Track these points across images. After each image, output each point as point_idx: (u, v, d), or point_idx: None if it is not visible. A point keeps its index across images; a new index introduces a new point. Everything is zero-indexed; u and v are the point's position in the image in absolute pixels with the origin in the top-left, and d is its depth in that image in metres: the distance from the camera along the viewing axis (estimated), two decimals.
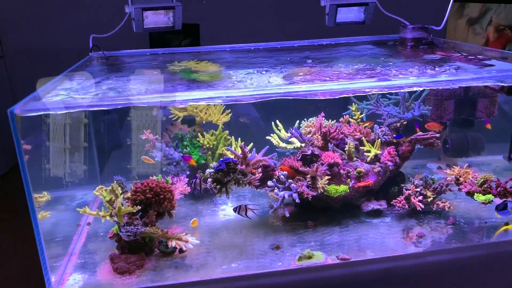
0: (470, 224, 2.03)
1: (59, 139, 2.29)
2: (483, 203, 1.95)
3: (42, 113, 1.60)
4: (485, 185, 2.00)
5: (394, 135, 2.19)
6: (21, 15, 4.73)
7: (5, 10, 4.69)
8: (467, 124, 2.44)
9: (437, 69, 1.97)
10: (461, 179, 2.11)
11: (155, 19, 2.45)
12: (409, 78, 1.83)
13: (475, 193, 2.00)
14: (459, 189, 2.08)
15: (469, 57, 2.20)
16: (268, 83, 1.84)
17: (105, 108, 1.65)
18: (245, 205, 1.95)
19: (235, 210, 1.96)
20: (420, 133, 2.20)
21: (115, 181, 2.04)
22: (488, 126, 2.43)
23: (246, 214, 1.95)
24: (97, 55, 2.54)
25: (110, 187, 1.84)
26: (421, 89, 2.21)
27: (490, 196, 1.96)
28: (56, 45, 4.68)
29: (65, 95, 1.71)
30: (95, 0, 4.69)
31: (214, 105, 2.39)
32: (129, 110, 2.43)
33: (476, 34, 4.13)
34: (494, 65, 1.98)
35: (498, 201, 2.04)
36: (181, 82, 1.96)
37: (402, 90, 2.17)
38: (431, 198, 2.08)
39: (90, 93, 1.76)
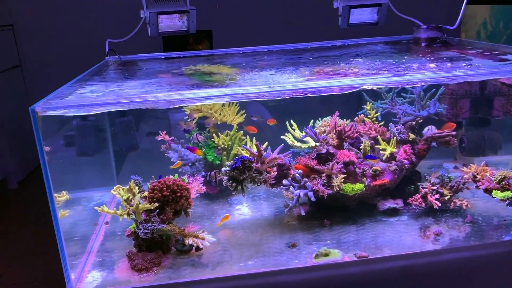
0: (489, 222, 2.00)
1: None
2: (502, 199, 1.93)
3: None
4: (503, 182, 1.98)
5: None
6: (37, 23, 4.83)
7: (21, 19, 4.79)
8: (483, 122, 2.42)
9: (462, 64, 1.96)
10: (478, 176, 2.09)
11: (170, 23, 2.49)
12: (425, 73, 1.83)
13: (493, 190, 1.97)
14: (477, 187, 2.06)
15: (485, 53, 2.19)
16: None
17: (126, 108, 1.67)
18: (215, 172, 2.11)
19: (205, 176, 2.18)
20: (436, 131, 2.19)
21: (132, 180, 2.06)
22: None
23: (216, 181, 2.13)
24: (113, 59, 2.58)
25: (127, 186, 1.86)
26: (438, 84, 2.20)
27: (508, 193, 1.93)
28: (72, 52, 4.76)
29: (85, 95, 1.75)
30: (110, 6, 4.77)
31: (229, 105, 2.41)
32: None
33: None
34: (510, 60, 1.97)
35: None
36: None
37: (420, 84, 2.15)
38: (448, 196, 2.06)
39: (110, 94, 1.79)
